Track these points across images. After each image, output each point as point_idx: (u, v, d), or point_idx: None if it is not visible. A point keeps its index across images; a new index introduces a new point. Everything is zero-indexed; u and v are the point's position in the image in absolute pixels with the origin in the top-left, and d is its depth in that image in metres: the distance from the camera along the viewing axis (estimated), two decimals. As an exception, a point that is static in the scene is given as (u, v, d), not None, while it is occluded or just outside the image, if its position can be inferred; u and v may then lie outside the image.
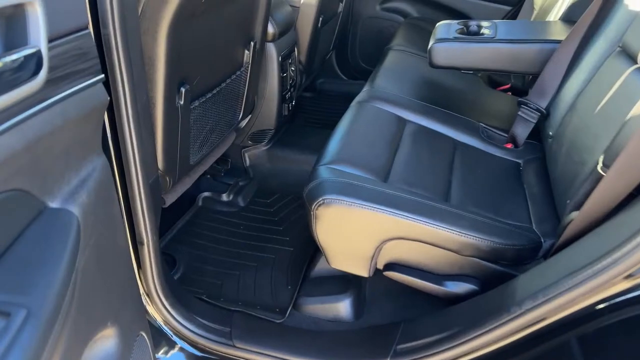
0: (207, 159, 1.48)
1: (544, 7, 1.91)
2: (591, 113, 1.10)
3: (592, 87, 1.17)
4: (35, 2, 0.43)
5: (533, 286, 0.85)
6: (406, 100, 1.51)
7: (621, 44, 1.14)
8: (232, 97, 1.46)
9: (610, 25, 1.19)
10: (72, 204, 0.52)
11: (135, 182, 0.91)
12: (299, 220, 1.64)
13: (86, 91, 0.56)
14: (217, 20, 1.19)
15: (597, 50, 1.21)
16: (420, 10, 2.42)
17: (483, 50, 1.45)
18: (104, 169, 0.62)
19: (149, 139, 0.93)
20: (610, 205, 0.85)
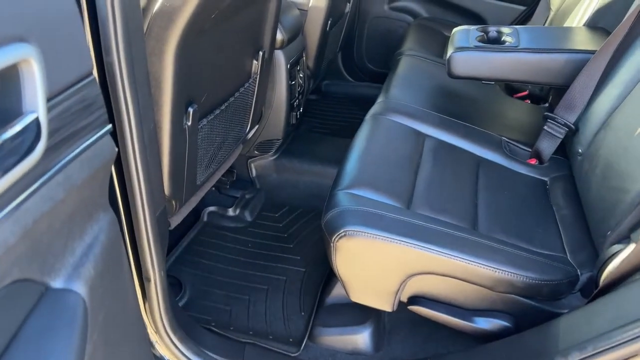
0: (214, 176, 1.40)
1: (562, 9, 1.82)
2: (630, 134, 1.02)
3: (630, 105, 1.09)
4: (31, 58, 0.35)
5: (579, 334, 0.78)
6: (423, 112, 1.43)
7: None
8: (240, 110, 1.38)
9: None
10: (76, 280, 0.45)
11: (141, 219, 0.83)
12: (310, 237, 1.57)
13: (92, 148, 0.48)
14: (225, 33, 1.10)
15: (633, 65, 1.13)
16: (430, 10, 2.33)
17: (506, 60, 1.37)
18: (111, 226, 0.54)
19: (155, 170, 0.85)
20: (665, 247, 0.78)
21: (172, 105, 0.94)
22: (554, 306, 0.97)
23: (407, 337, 1.16)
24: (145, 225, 0.85)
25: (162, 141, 0.97)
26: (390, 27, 2.40)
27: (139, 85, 0.73)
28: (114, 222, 0.56)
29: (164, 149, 0.99)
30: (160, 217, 0.95)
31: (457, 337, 1.05)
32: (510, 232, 1.05)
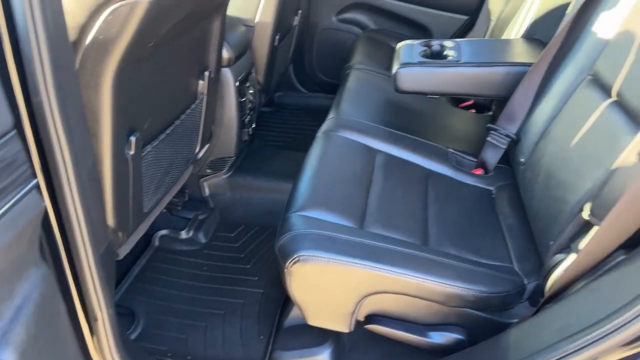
0: (164, 200, 1.36)
1: (501, 19, 1.89)
2: (568, 145, 1.07)
3: (566, 116, 1.14)
4: None
5: (528, 346, 0.81)
6: (374, 127, 1.45)
7: (592, 72, 1.12)
8: (188, 132, 1.34)
9: (580, 52, 1.17)
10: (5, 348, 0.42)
11: (84, 260, 0.79)
12: (267, 255, 1.55)
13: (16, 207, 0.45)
14: (167, 57, 1.07)
15: (567, 77, 1.19)
16: (377, 21, 2.37)
17: (449, 74, 1.40)
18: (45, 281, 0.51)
19: (97, 206, 0.82)
20: (601, 258, 0.82)
21: (112, 136, 0.90)
22: (504, 316, 1.00)
23: (367, 355, 1.16)
24: (89, 265, 0.81)
25: (103, 174, 0.93)
26: (339, 38, 2.42)
27: (74, 123, 0.70)
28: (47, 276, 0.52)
29: (105, 182, 0.95)
30: (106, 253, 0.91)
31: (414, 352, 1.06)
32: (459, 245, 1.08)
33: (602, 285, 0.79)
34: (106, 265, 0.88)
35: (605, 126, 0.98)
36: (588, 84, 1.11)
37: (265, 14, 1.73)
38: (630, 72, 0.97)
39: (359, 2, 2.35)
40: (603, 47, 1.09)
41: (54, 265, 0.71)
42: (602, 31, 1.10)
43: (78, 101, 0.73)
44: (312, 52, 2.49)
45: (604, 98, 1.02)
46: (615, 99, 1.00)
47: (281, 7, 1.75)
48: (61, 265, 0.76)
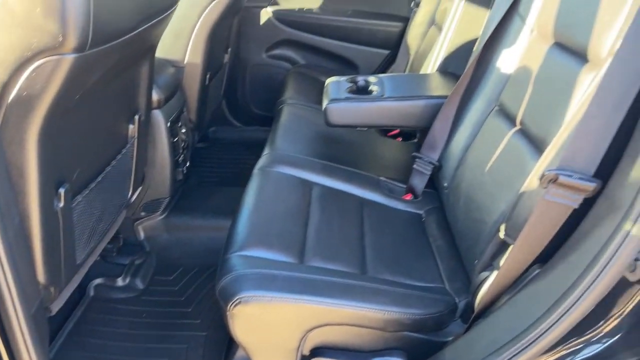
0: (97, 249, 1.31)
1: (419, 53, 2.04)
2: (482, 170, 1.17)
3: (479, 143, 1.25)
4: None
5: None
6: (308, 161, 1.50)
7: (498, 103, 1.24)
8: (119, 176, 1.32)
9: (487, 85, 1.29)
10: None
11: (14, 321, 0.76)
12: (209, 296, 1.53)
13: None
14: (95, 105, 1.07)
15: (478, 108, 1.30)
16: (305, 57, 2.46)
17: (375, 108, 1.50)
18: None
19: (25, 266, 0.79)
20: (518, 273, 0.90)
21: (40, 191, 0.88)
22: (440, 336, 1.06)
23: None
24: (20, 327, 0.78)
25: (31, 230, 0.90)
26: (270, 73, 2.49)
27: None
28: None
29: (34, 238, 0.91)
30: (37, 312, 0.88)
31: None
32: (394, 270, 1.14)
33: (522, 299, 0.87)
34: (38, 325, 0.85)
35: (513, 152, 1.09)
36: (496, 114, 1.22)
37: (195, 54, 1.75)
38: (529, 103, 1.09)
39: (286, 39, 2.43)
40: (506, 81, 1.21)
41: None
42: (505, 66, 1.23)
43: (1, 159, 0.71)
44: (245, 86, 2.54)
45: (510, 127, 1.13)
46: (519, 127, 1.11)
47: (210, 47, 1.78)
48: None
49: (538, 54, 1.10)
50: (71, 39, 0.74)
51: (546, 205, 0.82)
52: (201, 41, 1.74)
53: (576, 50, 0.97)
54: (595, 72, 0.90)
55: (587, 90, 0.89)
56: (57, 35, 0.73)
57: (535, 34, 1.14)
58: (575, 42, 0.97)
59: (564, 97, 0.97)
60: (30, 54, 0.73)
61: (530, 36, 1.16)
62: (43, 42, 0.73)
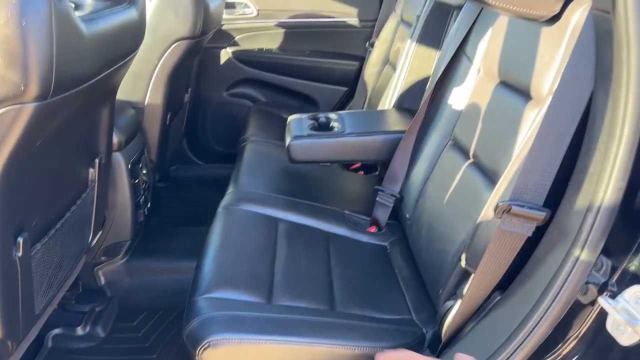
0: (56, 298, 1.26)
1: (375, 90, 2.13)
2: (442, 201, 1.22)
3: (437, 176, 1.31)
4: None
5: (432, 394, 0.88)
6: (273, 197, 1.51)
7: (452, 137, 1.31)
8: (80, 221, 1.29)
9: (441, 120, 1.36)
10: None
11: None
12: (174, 340, 1.49)
13: None
14: (56, 150, 1.05)
15: (434, 142, 1.37)
16: (266, 94, 2.51)
17: (336, 144, 1.54)
18: None
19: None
20: (481, 301, 0.94)
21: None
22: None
23: None
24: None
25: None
26: (231, 111, 2.51)
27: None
28: None
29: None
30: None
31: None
32: (362, 304, 1.15)
33: (485, 327, 0.90)
34: (-6, 385, 0.81)
35: (468, 184, 1.15)
36: (450, 147, 1.29)
37: (155, 96, 1.75)
38: (480, 137, 1.16)
39: (246, 78, 2.48)
40: (458, 116, 1.29)
41: None
42: (456, 103, 1.30)
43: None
44: (206, 124, 2.55)
45: (464, 160, 1.20)
46: (473, 160, 1.17)
47: (171, 87, 1.80)
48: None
49: (486, 92, 1.18)
50: (33, 88, 0.74)
51: (502, 234, 0.87)
52: (161, 82, 1.75)
53: (520, 88, 1.05)
54: (539, 108, 0.97)
55: (532, 125, 0.96)
56: (19, 84, 0.72)
57: (482, 73, 1.22)
58: (519, 81, 1.05)
59: (512, 132, 1.03)
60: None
61: (477, 75, 1.24)
62: (4, 91, 0.72)
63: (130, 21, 1.08)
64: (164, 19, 1.65)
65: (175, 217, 2.13)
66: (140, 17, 1.15)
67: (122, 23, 1.03)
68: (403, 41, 1.89)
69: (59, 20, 0.77)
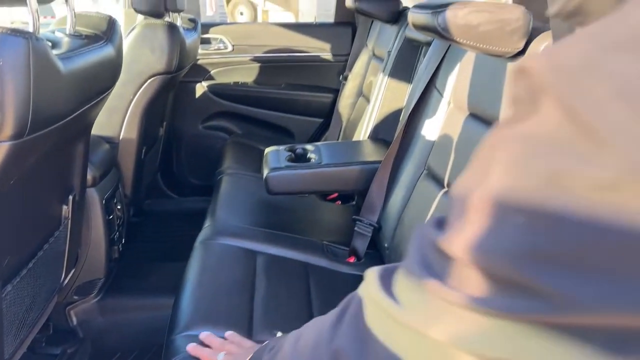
0: (26, 341, 1.21)
1: (350, 121, 2.17)
2: (419, 231, 1.24)
3: (414, 205, 1.33)
4: None
5: None
6: (251, 230, 1.50)
7: (426, 167, 1.34)
8: (52, 260, 1.25)
9: (415, 151, 1.39)
10: None
11: None
12: (151, 382, 1.44)
13: None
14: (28, 189, 1.03)
15: (409, 172, 1.40)
16: (241, 127, 2.53)
17: (313, 175, 1.55)
18: None
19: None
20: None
21: (-34, 284, 0.82)
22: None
23: None
24: None
25: (-46, 328, 0.82)
26: (207, 144, 2.51)
27: None
28: None
29: (-44, 337, 0.84)
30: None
31: None
32: (345, 336, 1.14)
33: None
34: None
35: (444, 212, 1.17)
36: (425, 177, 1.32)
37: (130, 130, 1.75)
38: (453, 167, 1.20)
39: (222, 111, 2.50)
40: (431, 147, 1.33)
41: None
42: (429, 134, 1.34)
43: None
44: (180, 157, 2.53)
45: (439, 188, 1.23)
46: (447, 189, 1.20)
47: (146, 122, 1.79)
48: None
49: (456, 123, 1.22)
50: (9, 127, 0.74)
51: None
52: (137, 117, 1.75)
53: (488, 120, 1.09)
54: (507, 138, 1.01)
55: (502, 154, 1.00)
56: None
57: (452, 106, 1.27)
58: (487, 113, 1.09)
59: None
60: (-36, 143, 0.72)
61: (448, 108, 1.29)
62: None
63: (107, 58, 1.08)
64: (139, 55, 1.66)
65: (150, 252, 2.08)
66: (117, 53, 1.16)
67: (99, 60, 1.04)
68: (375, 75, 1.95)
69: (37, 59, 0.77)
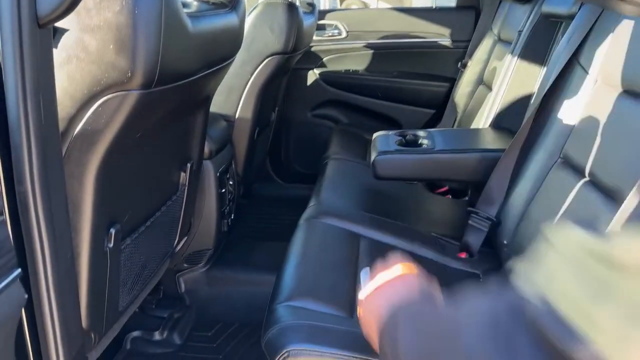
0: (139, 298, 1.28)
1: (467, 111, 2.02)
2: (549, 225, 1.09)
3: (543, 197, 1.18)
4: None
5: None
6: (355, 213, 1.45)
7: (562, 155, 1.18)
8: (167, 223, 1.31)
9: (549, 137, 1.23)
10: None
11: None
12: (248, 355, 1.45)
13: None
14: (151, 149, 1.08)
15: (539, 161, 1.24)
16: (349, 116, 2.49)
17: (426, 161, 1.45)
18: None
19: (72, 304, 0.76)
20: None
21: (92, 229, 0.87)
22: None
23: None
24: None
25: (80, 268, 0.88)
26: (314, 132, 2.52)
27: (56, 214, 0.67)
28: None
29: (82, 277, 0.89)
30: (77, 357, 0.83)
31: None
32: (454, 332, 1.04)
33: None
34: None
35: (583, 205, 1.01)
36: (560, 166, 1.16)
37: (245, 111, 1.79)
38: (598, 154, 1.03)
39: (331, 99, 2.48)
40: (570, 132, 1.16)
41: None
42: (567, 117, 1.18)
43: (62, 192, 0.71)
44: (289, 144, 2.57)
45: (578, 179, 1.06)
46: (589, 178, 1.04)
47: (260, 104, 1.83)
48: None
49: (604, 102, 1.05)
50: (139, 76, 0.76)
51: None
52: (252, 97, 1.79)
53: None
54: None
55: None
56: (126, 71, 0.74)
57: (600, 83, 1.10)
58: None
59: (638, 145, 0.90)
60: (99, 89, 0.75)
61: (594, 86, 1.12)
62: (112, 77, 0.74)
63: (230, 26, 1.10)
64: (259, 34, 1.69)
65: (255, 232, 2.13)
66: (240, 23, 1.17)
67: (223, 26, 1.05)
68: (500, 60, 1.79)
69: (168, 13, 0.79)
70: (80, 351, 0.84)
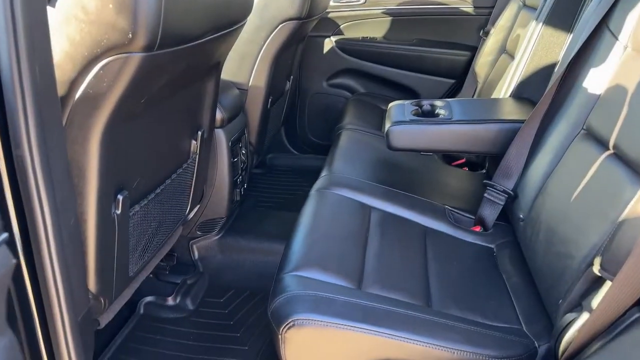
0: (150, 264, 1.29)
1: (488, 81, 1.95)
2: (567, 200, 1.05)
3: (563, 170, 1.13)
4: None
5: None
6: (367, 184, 1.42)
7: (585, 126, 1.12)
8: (178, 191, 1.31)
9: (571, 108, 1.17)
10: None
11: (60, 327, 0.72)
12: (258, 322, 1.46)
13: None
14: (160, 115, 1.06)
15: (561, 132, 1.19)
16: (366, 85, 2.43)
17: (442, 131, 1.41)
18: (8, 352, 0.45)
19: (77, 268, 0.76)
20: (616, 316, 0.77)
21: (98, 194, 0.86)
22: (517, 384, 0.92)
23: None
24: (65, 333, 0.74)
25: (86, 234, 0.88)
26: (330, 102, 2.47)
27: (57, 179, 0.66)
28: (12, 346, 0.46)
29: (89, 242, 0.89)
30: (84, 321, 0.84)
31: None
32: (463, 306, 1.02)
33: (620, 347, 0.73)
34: (84, 334, 0.81)
35: (606, 179, 0.97)
36: (582, 138, 1.11)
37: (258, 78, 1.76)
38: (624, 125, 0.97)
39: (347, 68, 2.42)
40: (594, 102, 1.10)
41: (25, 332, 0.64)
42: (593, 87, 1.11)
43: (63, 157, 0.70)
44: (304, 115, 2.53)
45: (601, 151, 1.01)
46: (613, 151, 0.99)
47: (274, 72, 1.79)
48: (34, 332, 0.70)
49: (634, 72, 0.98)
50: (140, 38, 0.73)
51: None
52: (265, 66, 1.75)
53: (685, 62, 0.85)
54: None
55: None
56: (127, 32, 0.72)
57: (630, 50, 1.03)
58: (684, 53, 0.85)
59: (669, 117, 0.85)
60: (100, 51, 0.73)
61: (624, 53, 1.05)
62: (113, 39, 0.72)
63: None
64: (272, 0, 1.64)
65: (268, 202, 2.13)
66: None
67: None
68: (525, 27, 1.70)
69: (170, -29, 0.75)
70: (87, 315, 0.85)
